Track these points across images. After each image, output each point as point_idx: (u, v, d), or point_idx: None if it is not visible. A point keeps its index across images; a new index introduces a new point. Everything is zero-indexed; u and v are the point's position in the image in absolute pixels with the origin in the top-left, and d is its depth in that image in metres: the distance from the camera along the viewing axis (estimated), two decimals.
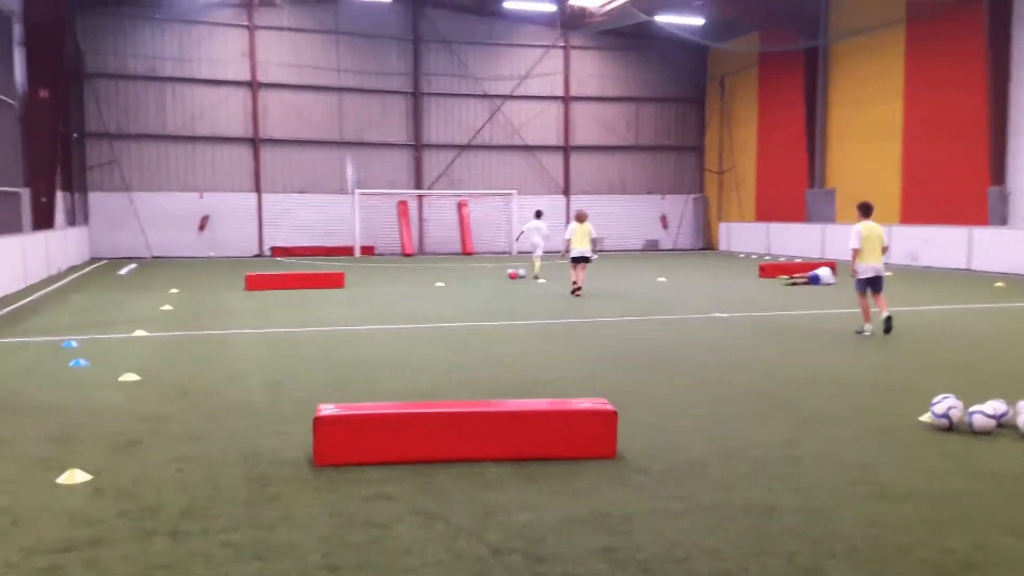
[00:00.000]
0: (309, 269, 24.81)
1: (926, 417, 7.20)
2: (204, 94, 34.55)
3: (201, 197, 34.79)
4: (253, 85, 34.95)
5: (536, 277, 22.62)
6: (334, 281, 20.21)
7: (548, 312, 15.37)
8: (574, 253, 18.33)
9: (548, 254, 23.62)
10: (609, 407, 6.31)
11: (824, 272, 21.45)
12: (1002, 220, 25.58)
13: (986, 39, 25.44)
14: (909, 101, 29.09)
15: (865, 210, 12.76)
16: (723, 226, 39.68)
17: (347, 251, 35.29)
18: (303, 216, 35.92)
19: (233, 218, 35.16)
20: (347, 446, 5.96)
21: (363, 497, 5.32)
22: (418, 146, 37.44)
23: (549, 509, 5.13)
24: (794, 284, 21.17)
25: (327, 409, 6.14)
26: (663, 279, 22.73)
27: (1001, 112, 25.37)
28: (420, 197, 37.65)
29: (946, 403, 7.01)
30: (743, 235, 37.89)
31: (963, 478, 5.80)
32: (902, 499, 5.36)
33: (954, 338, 12.37)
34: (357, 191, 35.29)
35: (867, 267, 12.40)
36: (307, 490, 5.45)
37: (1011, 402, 7.30)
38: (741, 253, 36.43)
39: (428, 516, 5.00)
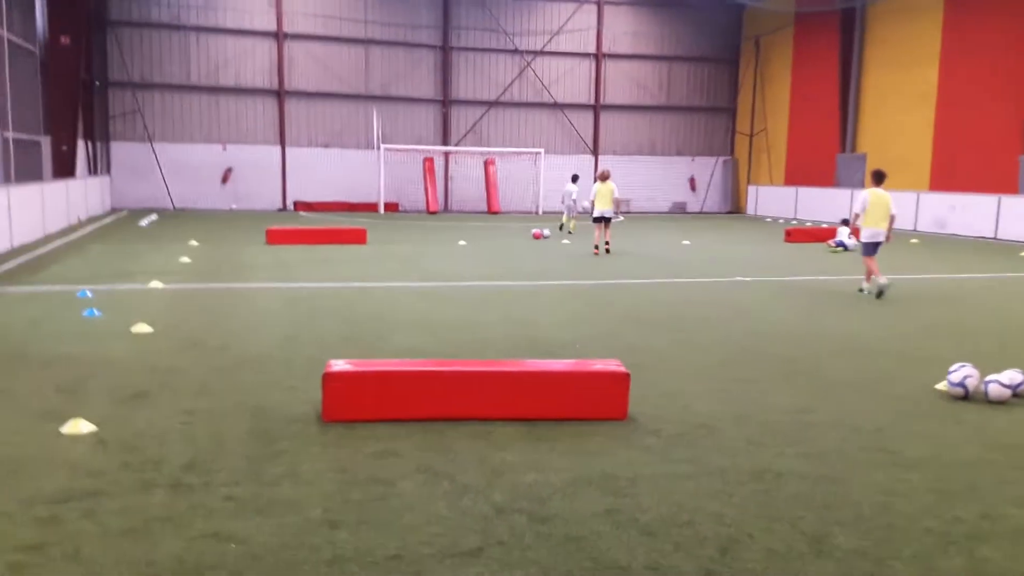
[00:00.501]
0: (332, 225, 24.85)
1: (942, 385, 7.11)
2: (229, 44, 34.35)
3: (224, 149, 34.81)
4: (279, 35, 34.71)
5: (569, 232, 23.98)
6: (357, 237, 20.23)
7: (570, 273, 15.31)
8: (596, 213, 18.63)
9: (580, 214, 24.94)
10: (622, 369, 6.27)
11: (842, 233, 21.38)
12: None
13: None
14: (945, 66, 28.40)
15: (877, 177, 12.93)
16: (752, 189, 39.17)
17: (371, 207, 35.27)
18: (327, 171, 35.83)
19: (256, 171, 35.14)
20: (356, 402, 5.97)
21: (369, 454, 5.33)
22: (446, 102, 37.15)
23: (556, 470, 5.12)
24: (835, 252, 20.90)
25: (337, 364, 6.15)
26: (688, 242, 22.53)
27: None
28: (447, 154, 37.45)
29: (963, 372, 6.91)
30: (771, 199, 37.40)
31: (975, 447, 5.73)
32: (913, 467, 5.30)
33: (976, 307, 12.18)
34: (383, 146, 35.15)
35: (868, 231, 12.74)
36: (313, 446, 5.48)
37: None
38: (768, 217, 36.00)
39: (434, 474, 5.01)
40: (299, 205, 35.06)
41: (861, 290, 13.08)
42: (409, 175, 36.54)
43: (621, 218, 20.25)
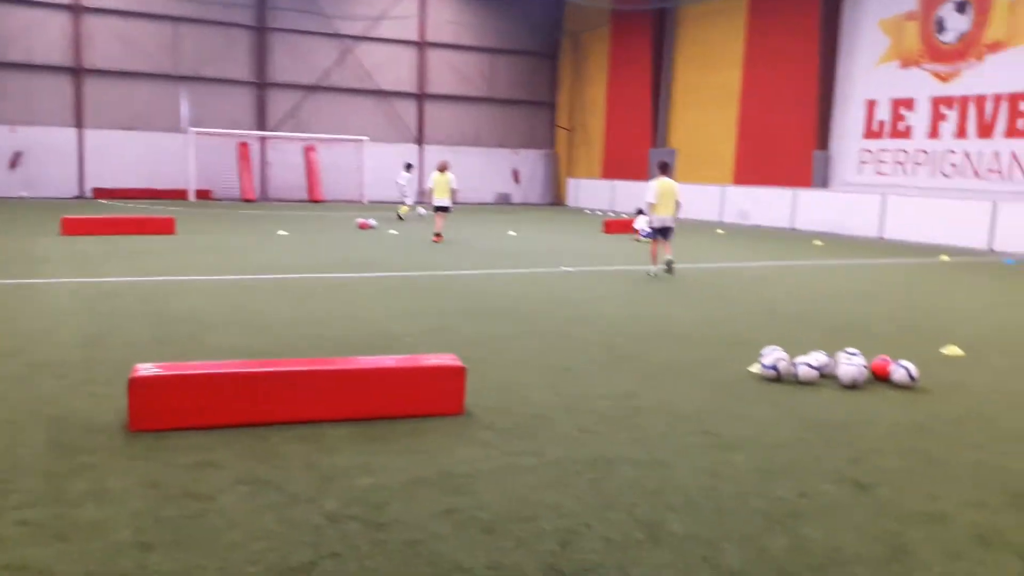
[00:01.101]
0: (136, 213, 23.27)
1: (755, 368, 7.47)
2: (17, 15, 31.42)
3: (13, 131, 31.87)
4: (75, 8, 32.10)
5: (399, 217, 25.65)
6: (163, 227, 19.01)
7: (398, 264, 15.05)
8: (435, 203, 19.24)
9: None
10: (458, 363, 6.16)
11: (641, 222, 22.11)
12: (824, 182, 27.23)
13: (820, 17, 26.80)
14: (748, 67, 30.27)
15: (662, 168, 14.21)
16: (571, 182, 40.24)
17: (181, 195, 33.41)
18: (131, 155, 33.47)
19: (50, 155, 32.35)
20: (167, 409, 5.47)
21: (184, 465, 4.91)
22: (262, 84, 35.70)
23: (392, 471, 4.93)
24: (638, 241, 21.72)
25: (145, 369, 5.65)
26: (513, 233, 22.78)
27: (828, 85, 26.92)
28: (263, 139, 36.00)
29: (774, 355, 7.29)
30: (590, 191, 38.58)
31: (791, 427, 6.03)
32: (735, 449, 5.51)
33: (779, 291, 12.99)
34: (192, 130, 33.25)
35: (659, 218, 14.10)
36: (121, 459, 4.98)
37: (831, 353, 7.69)
38: (587, 209, 37.08)
39: (258, 484, 4.68)
40: (98, 192, 32.59)
41: (649, 273, 14.13)
42: (223, 161, 34.85)
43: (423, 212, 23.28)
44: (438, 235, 19.00)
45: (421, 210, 26.68)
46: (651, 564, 3.87)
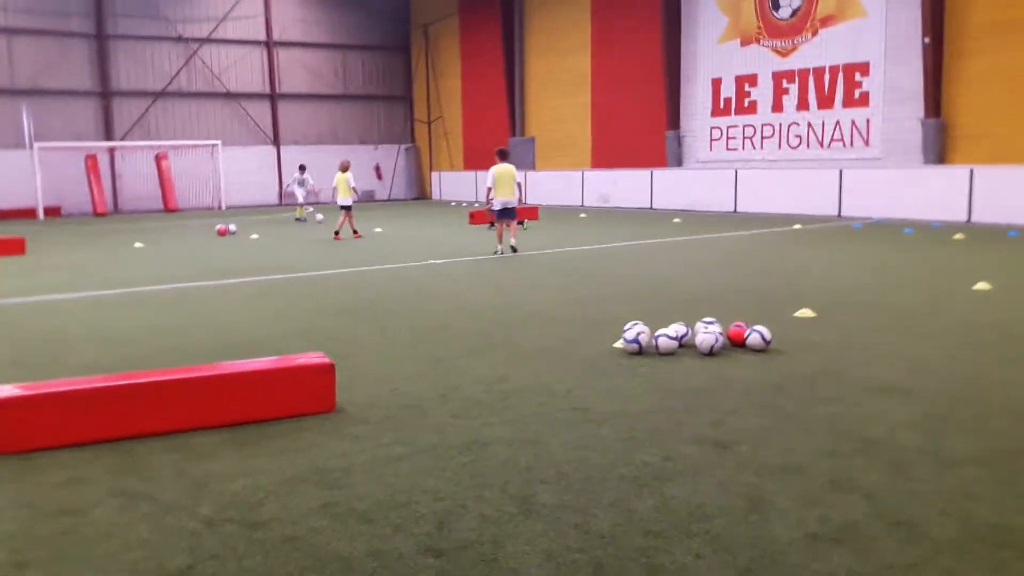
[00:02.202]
0: None
1: (619, 344, 7.79)
2: None
3: None
4: None
5: (298, 219, 26.63)
6: (13, 247, 18.01)
7: (261, 268, 14.77)
8: (340, 202, 20.36)
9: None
10: (326, 360, 6.17)
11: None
12: (678, 161, 28.29)
13: None
14: (596, 52, 31.07)
15: (501, 154, 15.70)
16: (435, 175, 40.27)
17: (28, 213, 31.64)
18: None
19: None
20: (31, 430, 5.31)
21: (54, 484, 4.79)
22: (106, 94, 34.15)
23: (266, 472, 4.93)
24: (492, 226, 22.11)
25: (5, 390, 5.45)
26: (379, 229, 22.68)
27: (674, 65, 27.87)
28: (111, 150, 34.45)
29: (635, 329, 7.63)
30: (454, 183, 38.74)
31: (654, 397, 6.35)
32: (603, 421, 5.76)
33: (641, 270, 13.50)
34: (36, 145, 31.52)
35: (499, 201, 15.41)
36: None
37: (690, 323, 8.10)
38: (453, 201, 37.22)
39: (130, 496, 4.61)
40: None
41: (496, 252, 15.43)
42: (70, 175, 33.19)
43: (316, 214, 24.07)
44: (337, 233, 20.08)
45: (319, 216, 26.81)
46: (525, 536, 4.05)
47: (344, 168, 20.60)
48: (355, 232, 20.22)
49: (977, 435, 5.33)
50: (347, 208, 20.29)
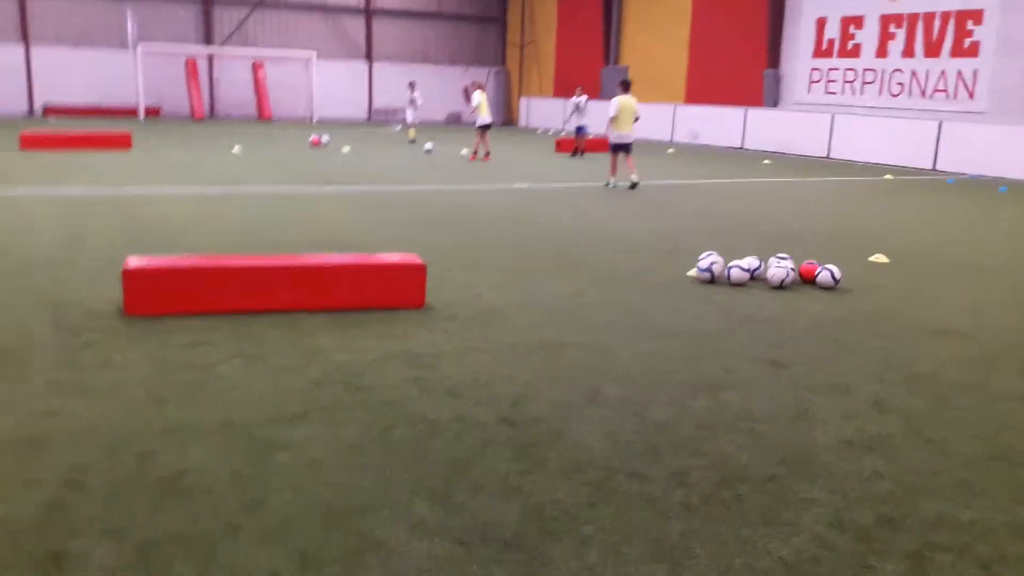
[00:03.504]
0: (90, 129, 23.12)
1: (693, 272, 8.20)
2: None
3: None
4: None
5: (412, 141, 25.34)
6: (120, 142, 19.11)
7: (354, 179, 15.46)
8: (480, 121, 20.16)
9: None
10: (419, 261, 6.76)
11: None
12: (774, 102, 27.84)
13: None
14: None
15: (624, 86, 15.13)
16: (523, 100, 40.34)
17: (131, 112, 33.00)
18: (79, 72, 32.87)
19: None
20: (159, 298, 6.06)
21: (181, 344, 5.52)
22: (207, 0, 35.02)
23: (364, 350, 5.57)
24: (576, 154, 22.43)
25: (135, 261, 6.19)
26: (466, 151, 23.17)
27: (779, 3, 27.22)
28: (211, 56, 35.46)
29: (709, 259, 8.02)
30: (542, 110, 38.78)
31: (720, 320, 6.78)
32: (670, 337, 6.24)
33: (724, 207, 13.73)
34: (140, 46, 32.68)
35: (617, 135, 15.04)
36: (122, 338, 5.57)
37: (764, 258, 8.44)
38: (539, 128, 37.34)
39: (249, 358, 5.31)
40: (49, 110, 32.09)
41: (608, 184, 15.29)
42: (171, 78, 34.35)
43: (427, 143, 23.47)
44: (487, 153, 20.16)
45: (428, 145, 22.74)
46: (588, 419, 4.60)
47: (482, 87, 20.73)
48: (487, 154, 20.25)
49: (1023, 377, 5.64)
50: (486, 128, 20.19)
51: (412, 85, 25.80)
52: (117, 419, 4.26)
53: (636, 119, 15.15)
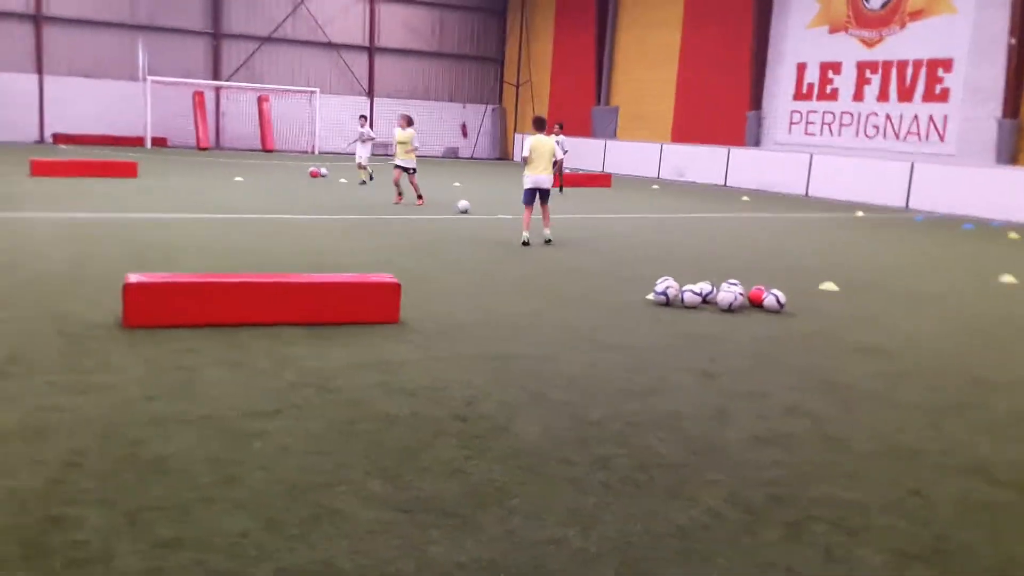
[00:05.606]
0: (99, 158, 23.94)
1: (650, 296, 8.85)
2: None
3: None
4: None
5: (363, 182, 21.71)
6: (127, 170, 19.86)
7: (348, 208, 16.17)
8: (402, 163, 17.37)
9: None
10: (394, 280, 7.42)
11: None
12: (756, 142, 28.75)
13: None
14: (687, 28, 31.53)
15: (537, 124, 12.92)
16: (518, 137, 41.29)
17: (138, 141, 33.85)
18: (90, 102, 33.81)
19: (10, 100, 32.55)
20: (155, 310, 6.69)
21: (172, 350, 6.14)
22: (217, 35, 36.07)
23: (337, 358, 6.21)
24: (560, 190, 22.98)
25: (135, 277, 6.85)
26: (458, 184, 23.93)
27: (762, 47, 28.27)
28: (218, 89, 36.47)
29: (664, 284, 8.68)
30: None
31: (665, 337, 7.43)
32: (614, 350, 6.88)
33: (696, 239, 14.41)
34: (149, 78, 33.67)
35: (530, 178, 12.40)
36: (120, 345, 6.21)
37: (717, 283, 9.09)
38: None
39: (232, 364, 5.94)
40: (59, 138, 32.96)
41: (523, 241, 12.46)
42: (178, 109, 35.25)
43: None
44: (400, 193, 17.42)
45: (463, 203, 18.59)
46: (531, 417, 5.22)
47: (410, 122, 17.51)
48: (419, 197, 17.44)
49: (929, 389, 6.28)
50: (408, 170, 17.22)
51: (363, 119, 22.81)
52: (112, 412, 4.88)
53: (557, 162, 13.43)
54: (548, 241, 12.68)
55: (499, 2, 41.54)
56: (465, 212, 16.16)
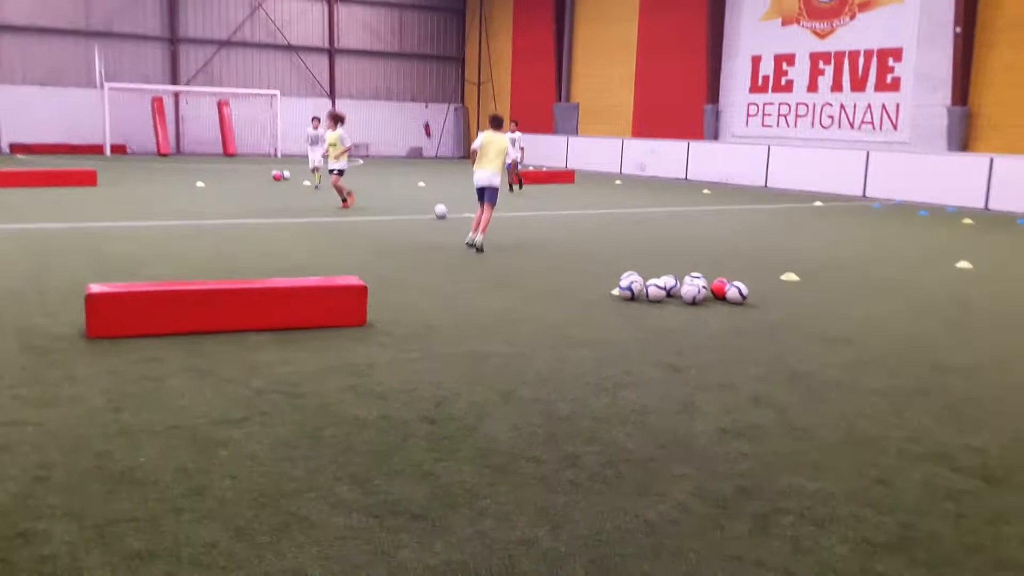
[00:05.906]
0: (57, 167, 23.59)
1: (615, 291, 8.92)
2: None
3: None
4: None
5: (317, 187, 21.37)
6: (86, 179, 19.59)
7: (311, 211, 16.08)
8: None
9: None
10: (361, 283, 7.41)
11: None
12: (715, 135, 29.03)
13: None
14: (643, 22, 31.74)
15: (494, 122, 12.46)
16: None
17: (97, 149, 33.40)
18: (46, 111, 33.28)
19: None
20: (118, 320, 6.62)
21: (137, 360, 6.09)
22: (174, 40, 35.67)
23: (305, 363, 6.19)
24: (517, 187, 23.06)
25: (96, 287, 6.77)
26: (423, 184, 23.89)
27: (717, 40, 28.53)
28: (177, 94, 36.06)
29: (629, 279, 8.76)
30: None
31: (632, 331, 7.49)
32: (583, 345, 6.93)
33: (659, 233, 14.54)
34: (107, 85, 33.19)
35: (478, 174, 11.96)
36: (84, 356, 6.14)
37: (680, 277, 9.18)
38: None
39: (198, 372, 5.90)
40: (16, 148, 32.42)
41: (467, 242, 11.93)
42: (137, 116, 34.84)
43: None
44: (345, 197, 16.80)
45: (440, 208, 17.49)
46: (500, 416, 5.25)
47: (341, 120, 16.80)
48: (345, 198, 16.79)
49: (891, 376, 6.40)
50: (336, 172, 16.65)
51: (316, 120, 22.47)
52: (78, 424, 4.84)
53: (512, 163, 12.71)
54: (479, 249, 11.58)
55: (458, 1, 41.49)
56: (443, 217, 15.33)
